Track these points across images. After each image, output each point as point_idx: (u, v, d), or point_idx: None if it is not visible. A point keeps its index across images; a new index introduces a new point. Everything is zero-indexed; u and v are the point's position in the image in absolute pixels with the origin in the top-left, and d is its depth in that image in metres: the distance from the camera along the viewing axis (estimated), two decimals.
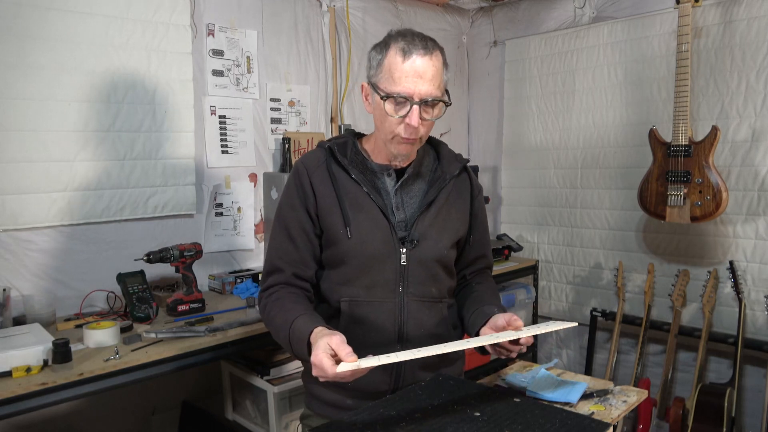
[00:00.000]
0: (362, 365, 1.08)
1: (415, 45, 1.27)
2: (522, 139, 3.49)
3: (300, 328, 1.23)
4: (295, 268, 1.38)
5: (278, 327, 1.31)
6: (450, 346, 1.16)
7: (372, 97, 1.35)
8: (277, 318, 1.32)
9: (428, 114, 1.31)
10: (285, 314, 1.30)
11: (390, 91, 1.27)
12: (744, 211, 2.66)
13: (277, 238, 1.41)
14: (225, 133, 2.62)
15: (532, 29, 3.41)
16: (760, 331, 2.63)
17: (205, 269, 2.53)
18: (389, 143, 1.34)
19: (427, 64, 1.27)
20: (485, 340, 1.24)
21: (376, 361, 1.09)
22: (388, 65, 1.28)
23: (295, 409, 2.21)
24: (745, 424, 2.70)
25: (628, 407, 1.30)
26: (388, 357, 1.11)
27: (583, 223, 3.24)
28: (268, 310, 1.37)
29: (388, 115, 1.29)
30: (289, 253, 1.39)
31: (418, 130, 1.30)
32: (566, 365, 3.39)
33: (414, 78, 1.26)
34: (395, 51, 1.27)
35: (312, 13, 2.91)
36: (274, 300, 1.36)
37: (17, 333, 1.78)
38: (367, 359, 1.10)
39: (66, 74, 2.13)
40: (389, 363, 1.12)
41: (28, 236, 2.09)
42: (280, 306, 1.34)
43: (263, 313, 1.39)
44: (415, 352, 1.11)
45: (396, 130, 1.30)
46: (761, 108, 2.58)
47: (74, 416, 2.25)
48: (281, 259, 1.39)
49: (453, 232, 1.44)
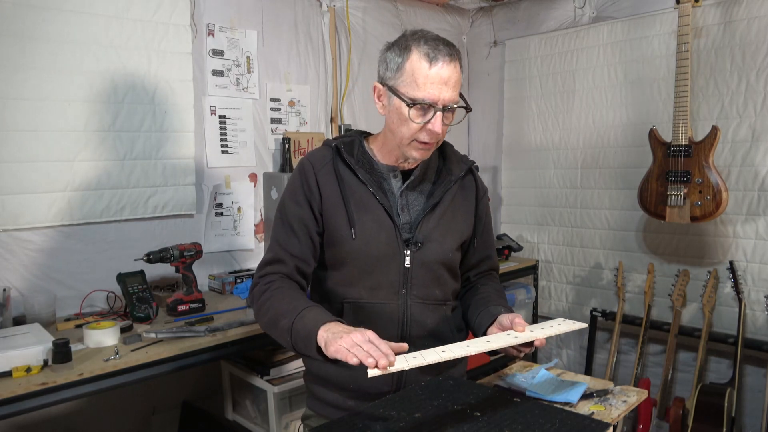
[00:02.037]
0: (394, 368, 1.04)
1: (440, 51, 1.25)
2: (522, 139, 3.49)
3: (314, 318, 1.19)
4: (298, 263, 1.36)
5: (279, 313, 1.25)
6: (473, 347, 1.14)
7: (388, 99, 1.32)
8: (280, 304, 1.27)
9: (448, 119, 1.31)
10: (292, 302, 1.26)
11: (414, 96, 1.25)
12: (744, 211, 2.66)
13: (280, 232, 1.38)
14: (225, 133, 2.62)
15: (532, 29, 3.41)
16: (760, 331, 2.63)
17: (205, 269, 2.53)
18: (405, 147, 1.32)
19: (451, 70, 1.26)
20: (504, 342, 1.21)
21: (404, 362, 1.06)
22: (411, 70, 1.26)
23: (295, 409, 2.21)
24: (745, 424, 2.70)
25: (628, 407, 1.30)
26: (415, 358, 1.08)
27: (583, 223, 3.24)
28: (266, 297, 1.31)
29: (411, 121, 1.27)
30: (293, 246, 1.36)
31: (439, 135, 1.29)
32: (566, 365, 3.39)
33: (439, 84, 1.25)
34: (419, 55, 1.25)
35: (312, 13, 2.91)
36: (277, 288, 1.31)
37: (17, 333, 1.78)
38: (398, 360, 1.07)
39: (66, 74, 2.13)
40: (418, 365, 1.08)
41: (28, 236, 2.09)
42: (284, 294, 1.29)
43: (258, 298, 1.33)
44: (438, 351, 1.10)
45: (416, 134, 1.29)
46: (761, 108, 2.58)
47: (74, 416, 2.25)
48: (285, 251, 1.36)
49: (458, 234, 1.43)
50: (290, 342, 1.23)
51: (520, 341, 1.21)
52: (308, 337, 1.17)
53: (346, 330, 1.12)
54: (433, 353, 1.11)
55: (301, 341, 1.19)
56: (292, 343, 1.23)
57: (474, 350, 1.13)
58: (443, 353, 1.10)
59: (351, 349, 1.07)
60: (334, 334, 1.12)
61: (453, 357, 1.10)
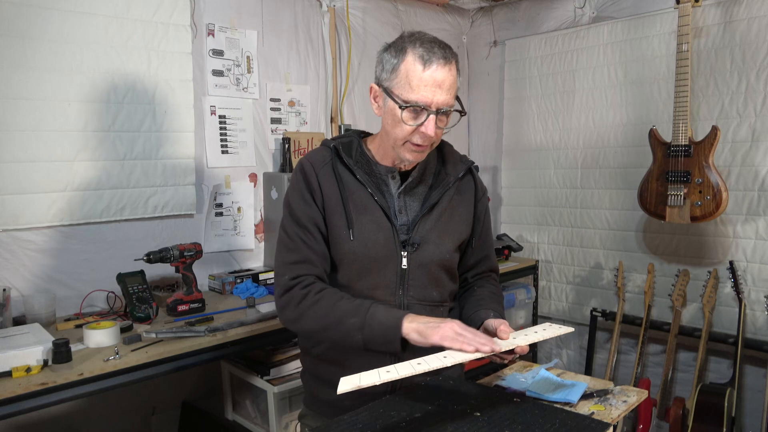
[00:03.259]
0: (363, 383, 1.04)
1: (435, 53, 1.24)
2: (522, 139, 3.49)
3: (387, 313, 1.23)
4: (323, 263, 1.35)
5: (343, 313, 1.25)
6: (450, 359, 1.12)
7: (383, 101, 1.32)
8: (339, 304, 1.26)
9: (442, 122, 1.30)
10: (352, 300, 1.27)
11: (407, 98, 1.25)
12: (744, 211, 2.66)
13: (297, 232, 1.35)
14: (225, 133, 2.62)
15: (532, 29, 3.41)
16: (760, 331, 2.63)
17: (205, 269, 2.53)
18: (399, 148, 1.32)
19: (446, 73, 1.25)
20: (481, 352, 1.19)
21: (376, 377, 1.06)
22: (406, 72, 1.25)
23: (295, 409, 2.21)
24: (745, 424, 2.70)
25: (628, 407, 1.30)
26: (388, 372, 1.08)
27: (583, 223, 3.24)
28: (313, 299, 1.28)
29: (403, 123, 1.27)
30: (315, 245, 1.35)
31: (432, 138, 1.29)
32: (566, 365, 3.39)
33: (433, 87, 1.24)
34: (413, 57, 1.25)
35: (312, 13, 2.91)
36: (320, 290, 1.30)
37: (17, 333, 1.78)
38: (367, 374, 1.07)
39: (66, 74, 2.13)
40: (388, 380, 1.07)
41: (28, 236, 2.10)
42: (335, 295, 1.29)
43: (300, 301, 1.30)
44: (414, 365, 1.10)
45: (409, 136, 1.29)
46: (761, 108, 2.58)
47: (74, 416, 2.25)
48: (311, 251, 1.34)
49: (456, 235, 1.43)
50: (361, 339, 1.24)
51: (500, 349, 1.18)
52: (391, 332, 1.20)
53: (436, 321, 1.19)
54: (408, 366, 1.09)
55: (380, 336, 1.22)
56: (363, 340, 1.24)
57: (450, 361, 1.11)
58: (419, 366, 1.09)
59: (458, 338, 1.15)
60: (428, 325, 1.18)
61: (428, 369, 1.08)
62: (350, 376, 1.06)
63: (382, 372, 1.08)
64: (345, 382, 1.04)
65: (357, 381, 1.04)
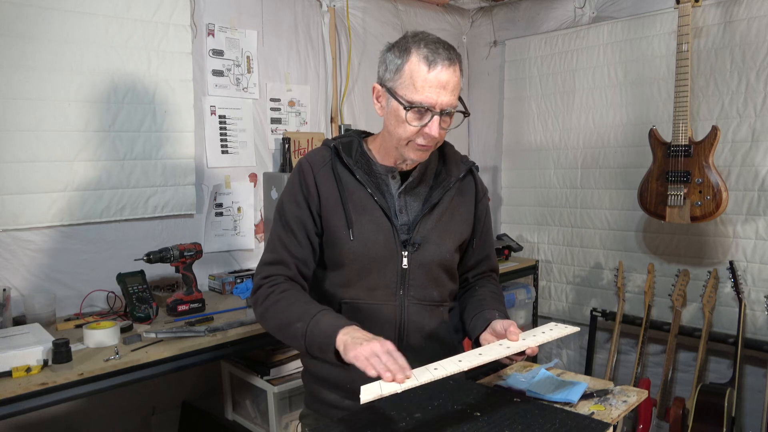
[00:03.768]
0: (384, 391, 1.00)
1: (439, 54, 1.24)
2: (522, 139, 3.49)
3: (330, 322, 1.18)
4: (300, 265, 1.36)
5: (291, 317, 1.25)
6: (465, 363, 1.11)
7: (386, 101, 1.32)
8: (290, 308, 1.26)
9: (446, 123, 1.30)
10: (304, 306, 1.26)
11: (411, 99, 1.25)
12: (744, 211, 2.66)
13: (280, 233, 1.38)
14: (225, 133, 2.62)
15: (532, 29, 3.41)
16: (760, 331, 2.63)
17: (205, 269, 2.53)
18: (403, 148, 1.32)
19: (450, 74, 1.25)
20: (496, 353, 1.18)
21: (396, 384, 1.01)
22: (410, 72, 1.25)
23: (295, 409, 2.21)
24: (745, 424, 2.70)
25: (628, 407, 1.30)
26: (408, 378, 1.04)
27: (583, 223, 3.24)
28: (273, 300, 1.30)
29: (408, 123, 1.27)
30: (294, 248, 1.36)
31: (436, 138, 1.29)
32: (566, 365, 3.39)
33: (437, 88, 1.24)
34: (418, 58, 1.24)
35: (312, 13, 2.91)
36: (283, 291, 1.30)
37: (17, 333, 1.78)
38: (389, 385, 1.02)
39: (66, 74, 2.13)
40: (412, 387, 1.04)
41: (28, 236, 2.10)
42: (293, 298, 1.29)
43: (262, 301, 1.32)
44: (431, 369, 1.07)
45: (412, 137, 1.29)
46: (761, 108, 2.58)
47: (74, 416, 2.25)
48: (287, 252, 1.35)
49: (456, 236, 1.43)
50: (304, 345, 1.22)
51: (513, 351, 1.18)
52: (327, 341, 1.16)
53: (366, 337, 1.12)
54: (427, 372, 1.07)
55: (317, 345, 1.19)
56: (306, 347, 1.22)
57: (467, 365, 1.10)
58: (436, 371, 1.06)
59: (370, 359, 1.06)
60: (354, 340, 1.11)
61: (446, 375, 1.05)
62: (370, 385, 1.02)
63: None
64: (366, 392, 1.00)
65: (378, 390, 1.00)
